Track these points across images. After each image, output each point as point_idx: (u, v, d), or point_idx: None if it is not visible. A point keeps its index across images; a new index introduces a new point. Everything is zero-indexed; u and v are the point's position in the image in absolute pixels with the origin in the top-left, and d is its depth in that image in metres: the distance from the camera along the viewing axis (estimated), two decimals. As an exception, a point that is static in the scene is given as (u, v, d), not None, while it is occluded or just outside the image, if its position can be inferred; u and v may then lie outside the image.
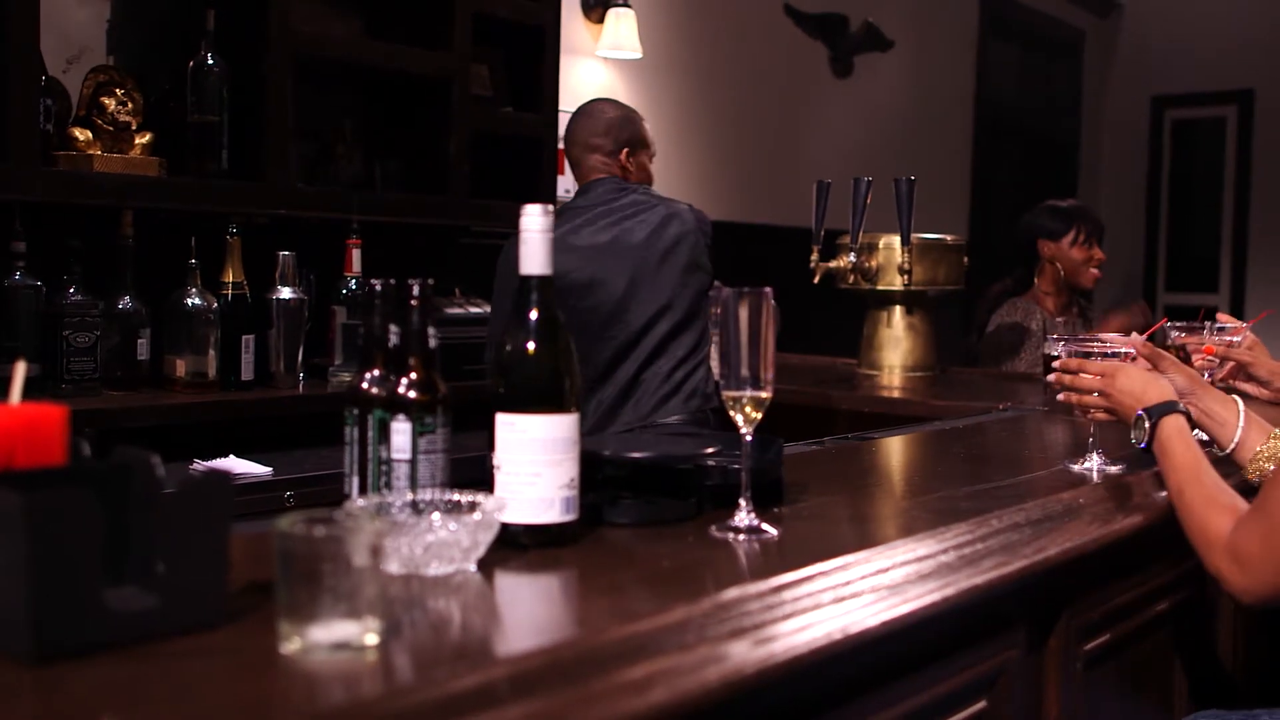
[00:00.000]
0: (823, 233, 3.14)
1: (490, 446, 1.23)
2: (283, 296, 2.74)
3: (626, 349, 2.68)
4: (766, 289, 1.29)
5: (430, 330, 1.23)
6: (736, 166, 4.87)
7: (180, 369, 2.60)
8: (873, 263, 3.24)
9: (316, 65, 2.95)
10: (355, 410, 1.23)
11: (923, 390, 3.09)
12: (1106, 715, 1.72)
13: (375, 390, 1.22)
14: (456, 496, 1.17)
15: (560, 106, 3.54)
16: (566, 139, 2.94)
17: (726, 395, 1.30)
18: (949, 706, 1.36)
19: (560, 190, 3.83)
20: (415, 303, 1.22)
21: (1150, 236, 7.78)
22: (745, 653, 1.01)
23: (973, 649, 1.39)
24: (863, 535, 1.39)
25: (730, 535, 1.27)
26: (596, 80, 4.21)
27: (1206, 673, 1.99)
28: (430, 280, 1.24)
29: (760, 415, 1.29)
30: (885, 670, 1.25)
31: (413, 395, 1.21)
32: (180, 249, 2.60)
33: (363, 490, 1.22)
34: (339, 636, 0.88)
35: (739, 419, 1.30)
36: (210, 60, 2.67)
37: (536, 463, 1.20)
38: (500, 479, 1.21)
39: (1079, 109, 7.55)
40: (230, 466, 2.39)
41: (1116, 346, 1.84)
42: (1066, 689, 1.56)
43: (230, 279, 2.68)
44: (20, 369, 1.02)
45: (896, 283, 3.19)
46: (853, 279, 3.23)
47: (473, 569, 1.12)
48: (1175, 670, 1.92)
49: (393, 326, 1.22)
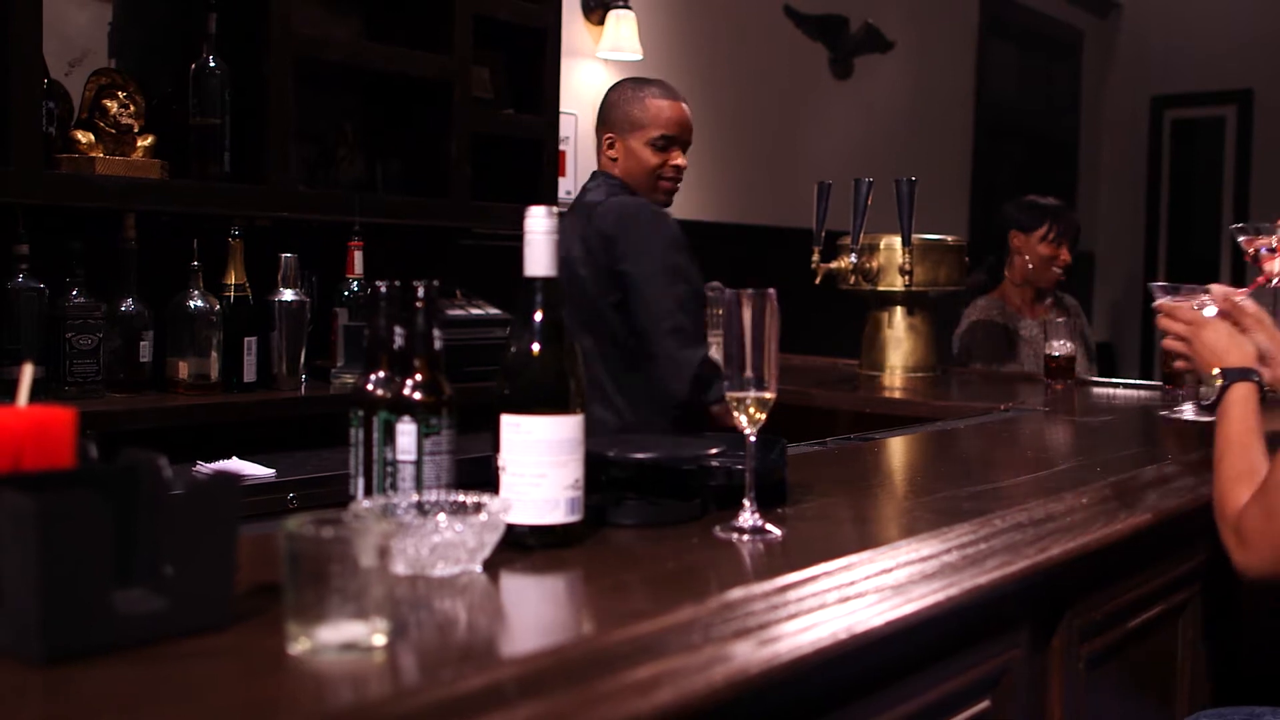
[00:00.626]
0: (824, 234, 3.14)
1: (495, 448, 1.23)
2: (285, 298, 2.74)
3: None
4: (770, 290, 1.29)
5: (435, 332, 1.23)
6: (737, 168, 4.87)
7: (183, 371, 2.60)
8: (874, 264, 3.24)
9: (318, 68, 2.95)
10: (360, 412, 1.23)
11: (924, 391, 3.09)
12: (1109, 714, 1.72)
13: (380, 392, 1.22)
14: (462, 498, 1.17)
15: (561, 108, 3.54)
16: None
17: (730, 396, 1.30)
18: (953, 706, 1.36)
19: (561, 192, 3.83)
20: (420, 304, 1.23)
21: (1150, 236, 7.78)
22: (750, 653, 1.01)
23: (976, 649, 1.40)
24: (866, 535, 1.39)
25: (734, 536, 1.28)
26: (597, 82, 4.21)
27: (1209, 672, 2.00)
28: (435, 282, 1.24)
29: (764, 416, 1.30)
30: (889, 670, 1.25)
31: (418, 397, 1.21)
32: (182, 251, 2.60)
33: (368, 492, 1.22)
34: (347, 637, 0.89)
35: (743, 419, 1.30)
36: (212, 63, 2.67)
37: (542, 464, 1.20)
38: (505, 480, 1.22)
39: (1078, 109, 7.55)
40: (233, 468, 2.39)
41: (1212, 302, 1.83)
42: (1070, 688, 1.56)
43: (232, 281, 2.68)
44: (27, 371, 1.02)
45: (898, 283, 3.19)
46: (854, 280, 3.23)
47: (478, 570, 1.12)
48: (1178, 669, 1.92)
49: (398, 328, 1.23)
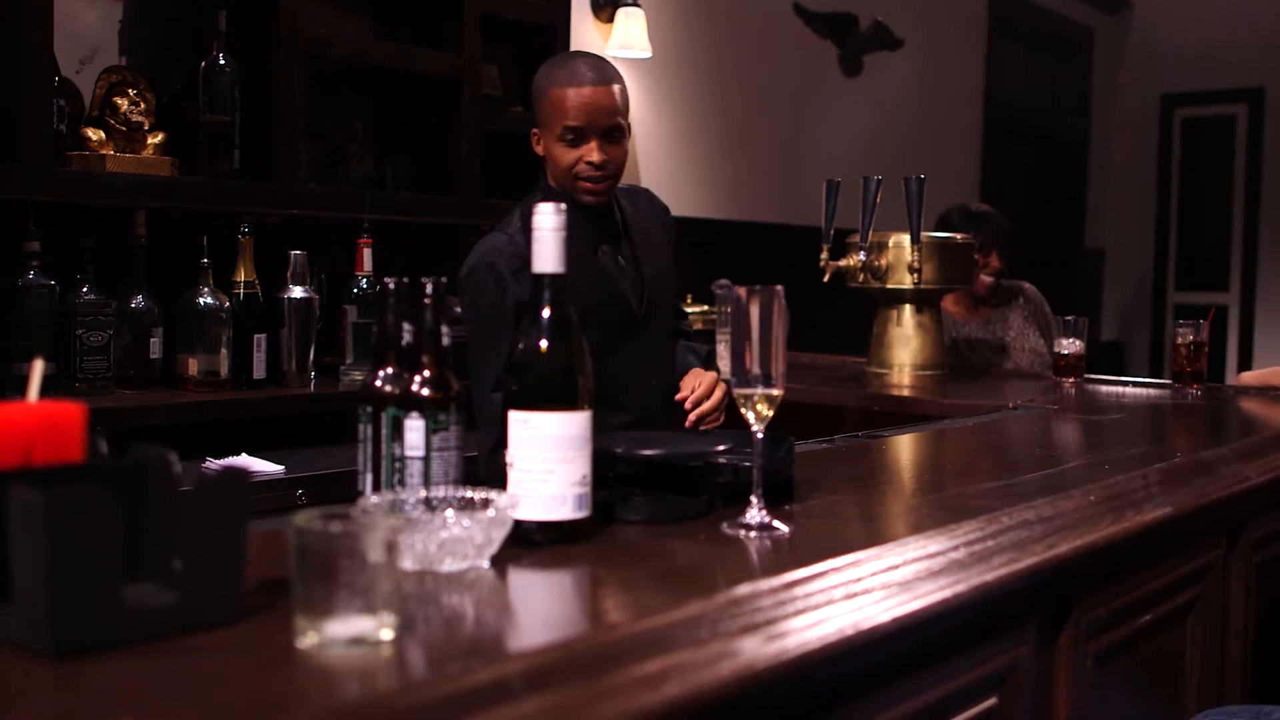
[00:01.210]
0: (832, 231, 3.14)
1: (503, 444, 1.24)
2: (294, 295, 2.75)
3: None
4: (777, 287, 1.29)
5: (443, 328, 1.24)
6: (746, 166, 4.87)
7: (193, 368, 2.61)
8: (882, 261, 3.24)
9: (327, 66, 2.96)
10: (369, 408, 1.23)
11: (932, 389, 3.09)
12: (1117, 712, 1.72)
13: (389, 388, 1.23)
14: (470, 493, 1.18)
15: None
16: None
17: (738, 393, 1.30)
18: (960, 703, 1.36)
19: (570, 189, 3.84)
20: (428, 301, 1.23)
21: (1160, 235, 7.76)
22: (757, 648, 1.02)
23: (983, 646, 1.40)
24: (873, 532, 1.39)
25: (742, 532, 1.28)
26: (606, 79, 4.21)
27: (1217, 669, 2.00)
28: (443, 278, 1.25)
29: (772, 413, 1.30)
30: (896, 666, 1.25)
31: (426, 393, 1.22)
32: (192, 248, 2.61)
33: (376, 487, 1.22)
34: (355, 632, 0.89)
35: (750, 416, 1.30)
36: (222, 61, 2.68)
37: (549, 460, 1.21)
38: (513, 476, 1.22)
39: (1088, 107, 7.54)
40: (242, 465, 2.40)
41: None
42: (1077, 686, 1.56)
43: (242, 278, 2.69)
44: (38, 367, 1.03)
45: (906, 281, 3.19)
46: (862, 278, 3.23)
47: (486, 565, 1.12)
48: (1186, 667, 1.92)
49: (406, 325, 1.23)
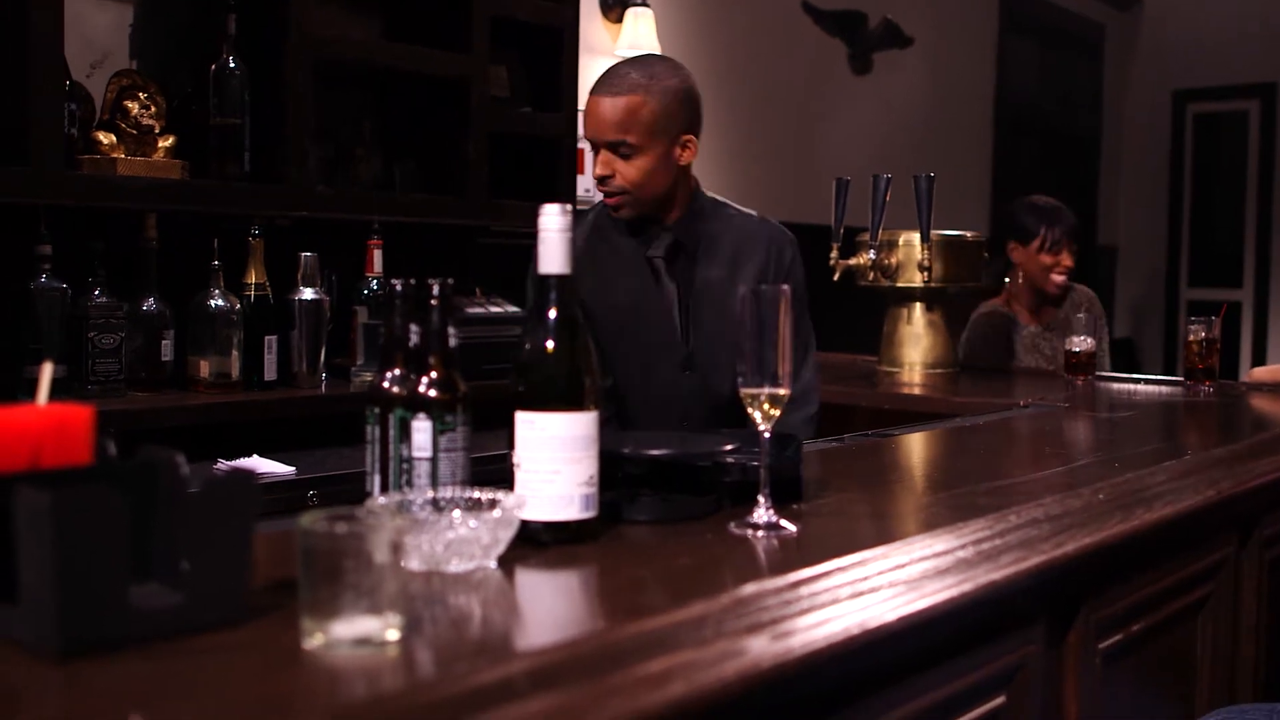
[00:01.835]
0: (842, 230, 3.14)
1: (510, 445, 1.24)
2: (305, 297, 2.76)
3: None
4: (784, 286, 1.30)
5: (450, 330, 1.24)
6: (756, 164, 4.87)
7: (204, 370, 2.62)
8: (892, 260, 3.24)
9: (336, 68, 2.97)
10: (376, 409, 1.24)
11: (943, 387, 3.08)
12: (1126, 710, 1.71)
13: (396, 389, 1.23)
14: (477, 494, 1.18)
15: (579, 106, 3.54)
16: None
17: (745, 392, 1.30)
18: (967, 701, 1.36)
19: (580, 190, 3.83)
20: (435, 302, 1.23)
21: (1173, 231, 7.74)
22: (762, 648, 1.02)
23: (991, 644, 1.39)
24: (881, 531, 1.39)
25: (749, 532, 1.28)
26: (615, 79, 4.21)
27: (1228, 667, 1.99)
28: (450, 280, 1.25)
29: (778, 412, 1.30)
30: (903, 665, 1.25)
31: (433, 394, 1.22)
32: (203, 251, 2.62)
33: (384, 488, 1.23)
34: (360, 632, 0.89)
35: (757, 416, 1.30)
36: (231, 64, 2.69)
37: (556, 460, 1.21)
38: (520, 476, 1.22)
39: (1100, 103, 7.52)
40: (253, 466, 2.41)
41: None
42: (1086, 684, 1.56)
43: (253, 280, 2.70)
44: (47, 370, 1.04)
45: (916, 279, 3.19)
46: (872, 276, 3.23)
47: (493, 566, 1.13)
48: (1197, 665, 1.92)
49: (413, 326, 1.23)
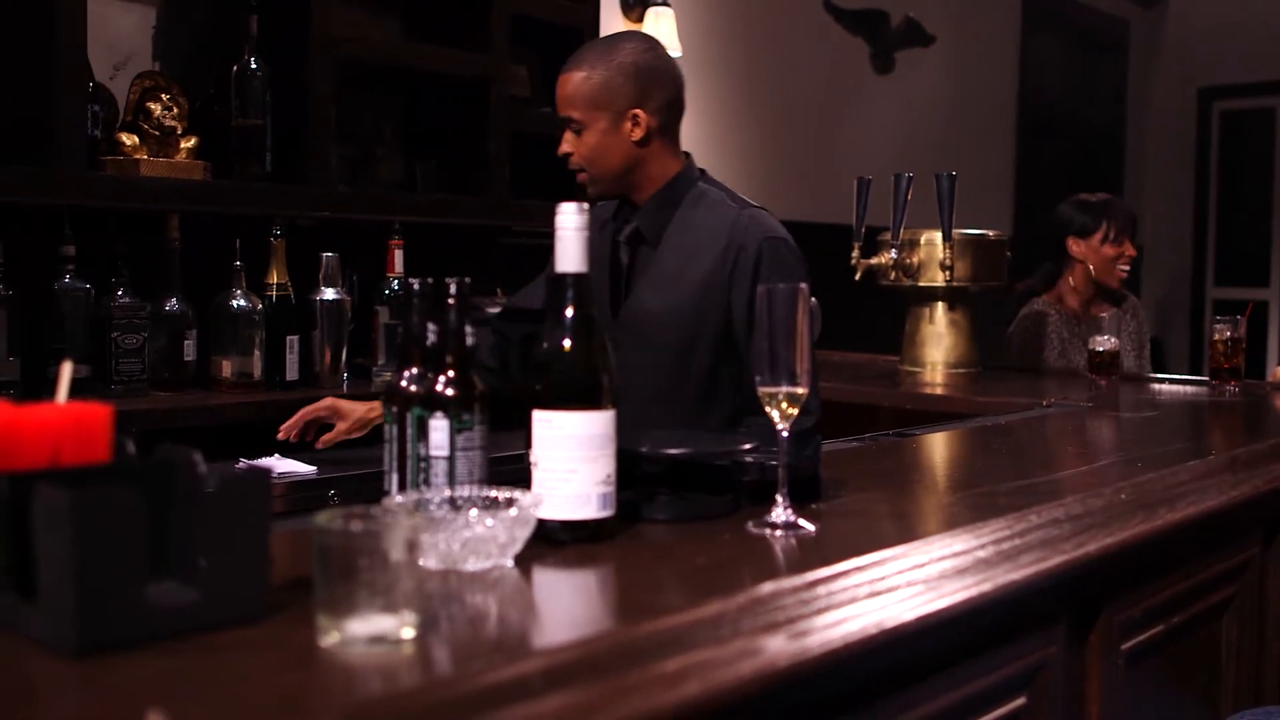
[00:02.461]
0: (864, 229, 3.13)
1: (527, 444, 1.24)
2: (326, 297, 2.77)
3: None
4: (802, 285, 1.29)
5: (467, 329, 1.24)
6: (777, 164, 4.85)
7: (226, 369, 2.63)
8: (914, 259, 3.22)
9: (357, 68, 2.98)
10: (394, 408, 1.24)
11: (965, 387, 3.07)
12: (1149, 712, 1.70)
13: (413, 388, 1.23)
14: (494, 493, 1.18)
15: (600, 106, 3.54)
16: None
17: (763, 391, 1.30)
18: (987, 702, 1.35)
19: (601, 189, 3.83)
20: (452, 301, 1.24)
21: (1199, 230, 7.68)
22: (779, 647, 1.01)
23: (1012, 644, 1.39)
24: (900, 530, 1.39)
25: (767, 531, 1.28)
26: (636, 79, 4.21)
27: (1254, 668, 1.97)
28: (467, 279, 1.25)
29: (796, 411, 1.30)
30: (922, 665, 1.24)
31: (450, 393, 1.22)
32: (225, 251, 2.63)
33: (402, 487, 1.23)
34: (376, 630, 0.90)
35: (775, 415, 1.30)
36: (253, 65, 2.70)
37: (573, 459, 1.21)
38: (537, 475, 1.22)
39: (1124, 101, 7.46)
40: (275, 466, 2.42)
41: None
42: (1108, 685, 1.55)
43: (274, 280, 2.71)
44: (66, 369, 1.04)
45: (938, 279, 3.17)
46: (894, 275, 3.22)
47: (509, 564, 1.13)
48: (1222, 666, 1.90)
49: (430, 325, 1.24)
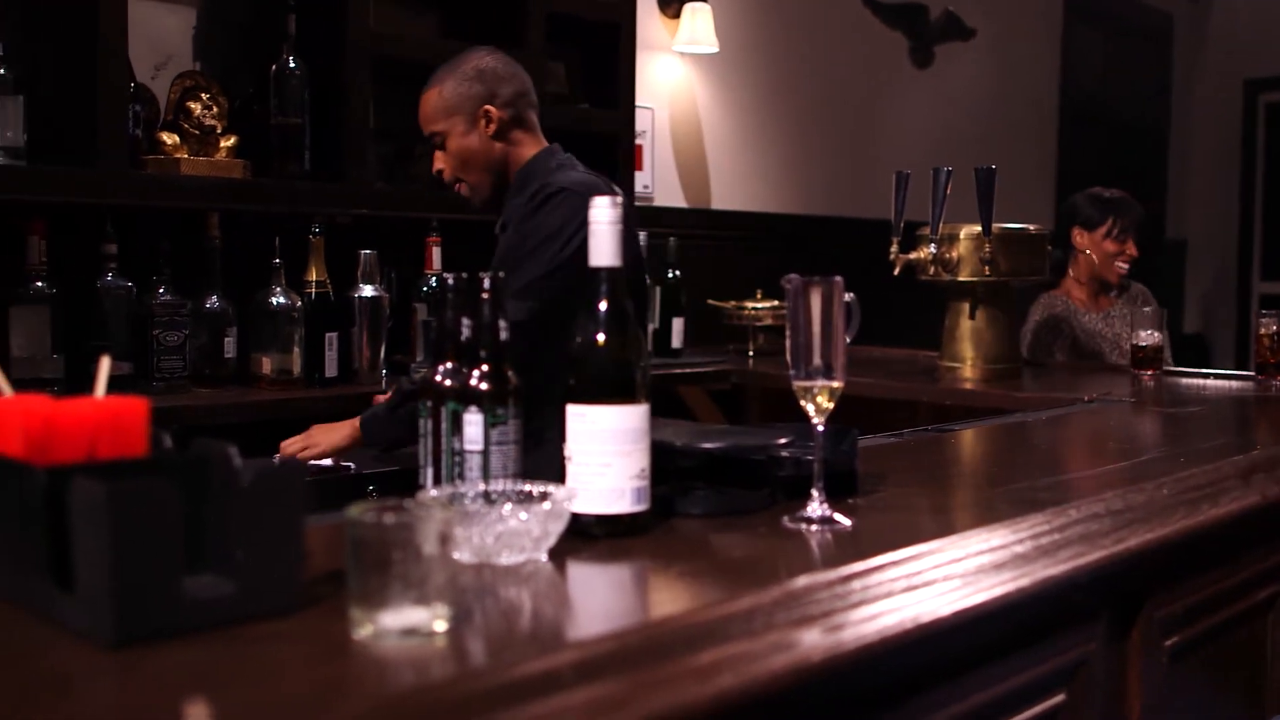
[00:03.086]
0: (902, 224, 3.10)
1: (561, 438, 1.24)
2: (365, 294, 2.79)
3: None
4: (837, 278, 1.28)
5: (501, 323, 1.24)
6: (816, 160, 4.83)
7: (266, 366, 2.65)
8: (953, 254, 3.19)
9: (395, 66, 2.99)
10: (429, 402, 1.24)
11: (1006, 383, 3.04)
12: (1192, 709, 1.68)
13: (448, 383, 1.24)
14: (528, 487, 1.18)
15: (637, 103, 3.55)
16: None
17: (798, 385, 1.29)
18: (1027, 698, 1.34)
19: (639, 186, 3.84)
20: (486, 296, 1.24)
21: (1244, 223, 7.58)
22: (814, 641, 1.01)
23: (1051, 640, 1.37)
24: (936, 525, 1.37)
25: (802, 525, 1.27)
26: (673, 76, 4.21)
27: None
28: (501, 273, 1.25)
29: (832, 405, 1.29)
30: (959, 661, 1.23)
31: (484, 387, 1.22)
32: (265, 249, 2.65)
33: (437, 481, 1.23)
34: (409, 622, 0.90)
35: (810, 409, 1.29)
36: (292, 64, 2.72)
37: (607, 453, 1.21)
38: (571, 469, 1.22)
39: (1168, 95, 7.37)
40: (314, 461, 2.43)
41: None
42: (1149, 682, 1.53)
43: (314, 278, 2.73)
44: (105, 364, 1.05)
45: (978, 274, 3.14)
46: (933, 270, 3.19)
47: (543, 558, 1.13)
48: (1267, 665, 1.87)
49: (464, 320, 1.24)
